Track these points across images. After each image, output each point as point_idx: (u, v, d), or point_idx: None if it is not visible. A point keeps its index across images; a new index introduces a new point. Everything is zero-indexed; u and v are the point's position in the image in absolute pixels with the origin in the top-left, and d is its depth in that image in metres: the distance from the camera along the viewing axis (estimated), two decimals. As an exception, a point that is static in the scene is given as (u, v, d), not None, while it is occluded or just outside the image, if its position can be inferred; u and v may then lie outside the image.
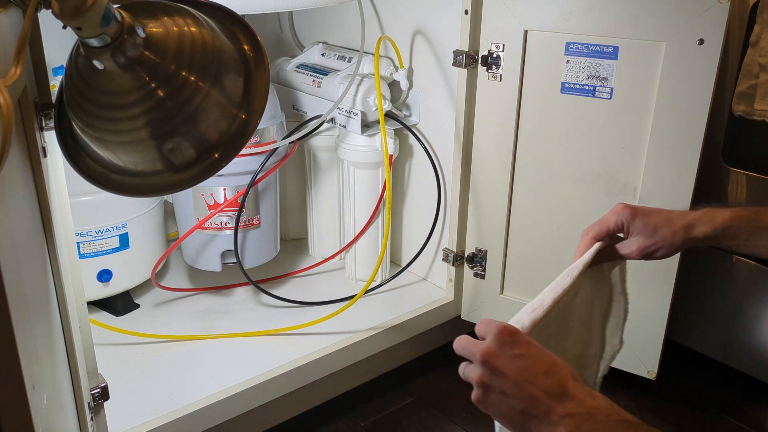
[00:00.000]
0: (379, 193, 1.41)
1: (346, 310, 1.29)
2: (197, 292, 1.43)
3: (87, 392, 0.87)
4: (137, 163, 0.70)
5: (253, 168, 1.28)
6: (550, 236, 1.29)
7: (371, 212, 1.42)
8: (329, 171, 1.49)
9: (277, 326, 1.29)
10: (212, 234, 1.32)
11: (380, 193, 1.41)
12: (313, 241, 1.57)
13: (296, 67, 1.50)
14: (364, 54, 1.37)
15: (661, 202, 1.16)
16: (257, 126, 0.72)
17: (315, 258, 1.57)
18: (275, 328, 1.29)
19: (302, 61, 1.52)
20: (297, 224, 1.64)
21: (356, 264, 1.47)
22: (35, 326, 0.56)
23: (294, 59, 1.53)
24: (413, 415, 1.30)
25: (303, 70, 1.48)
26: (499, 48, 1.22)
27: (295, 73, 1.49)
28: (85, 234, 1.24)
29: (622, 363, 1.28)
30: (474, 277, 1.39)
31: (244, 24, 0.73)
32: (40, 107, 0.72)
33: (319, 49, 1.53)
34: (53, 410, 0.60)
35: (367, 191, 1.41)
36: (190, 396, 1.12)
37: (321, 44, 1.54)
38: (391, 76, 1.38)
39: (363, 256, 1.46)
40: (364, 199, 1.42)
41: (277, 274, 1.49)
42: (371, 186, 1.41)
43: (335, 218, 1.52)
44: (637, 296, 1.23)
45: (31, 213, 0.65)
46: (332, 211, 1.52)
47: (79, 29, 0.58)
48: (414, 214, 1.49)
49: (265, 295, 1.38)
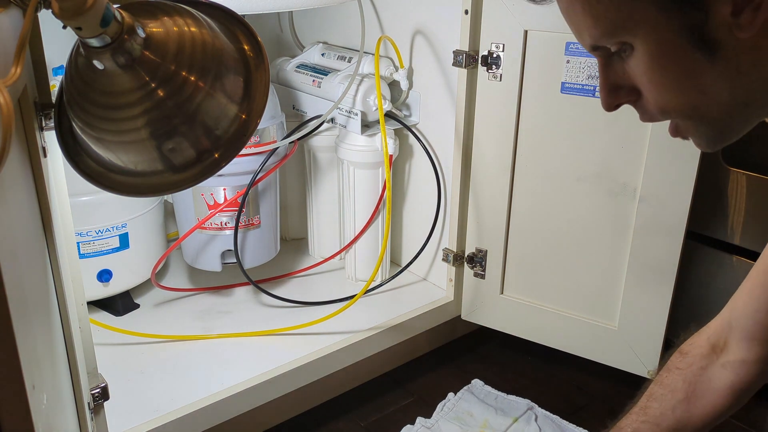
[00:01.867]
0: (379, 193, 1.41)
1: (346, 310, 1.29)
2: (197, 293, 1.43)
3: (87, 392, 0.87)
4: (137, 163, 0.70)
5: (253, 168, 1.28)
6: (551, 236, 1.29)
7: (371, 212, 1.42)
8: (329, 171, 1.49)
9: (277, 326, 1.29)
10: (212, 234, 1.32)
11: (380, 193, 1.41)
12: (314, 241, 1.57)
13: (296, 67, 1.50)
14: (364, 54, 1.37)
15: (661, 202, 1.16)
16: (257, 126, 0.72)
17: (315, 258, 1.57)
18: (275, 328, 1.29)
19: (302, 61, 1.52)
20: (297, 224, 1.64)
21: (356, 264, 1.47)
22: (35, 326, 0.56)
23: (294, 59, 1.53)
24: (413, 415, 1.30)
25: (303, 70, 1.48)
26: (499, 48, 1.22)
27: (295, 73, 1.49)
28: (85, 234, 1.24)
29: (622, 363, 1.28)
30: (474, 277, 1.39)
31: (244, 24, 0.73)
32: (40, 107, 0.72)
33: (319, 49, 1.52)
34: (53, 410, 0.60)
35: (367, 191, 1.41)
36: (190, 396, 1.12)
37: (321, 44, 1.54)
38: (391, 76, 1.38)
39: (363, 256, 1.46)
40: (364, 199, 1.42)
41: (277, 273, 1.49)
42: (371, 186, 1.41)
43: (335, 218, 1.52)
44: (637, 296, 1.23)
45: (31, 213, 0.65)
46: (332, 211, 1.52)
47: (79, 29, 0.58)
48: (414, 214, 1.49)
49: (265, 295, 1.38)
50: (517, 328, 1.38)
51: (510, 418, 1.28)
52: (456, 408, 1.31)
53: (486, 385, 1.37)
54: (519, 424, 1.27)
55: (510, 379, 1.41)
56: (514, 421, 1.27)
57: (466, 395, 1.34)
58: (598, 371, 1.34)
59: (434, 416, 1.29)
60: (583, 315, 1.30)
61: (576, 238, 1.28)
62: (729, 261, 1.33)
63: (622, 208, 1.20)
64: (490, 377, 1.41)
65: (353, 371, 1.32)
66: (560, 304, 1.32)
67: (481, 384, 1.37)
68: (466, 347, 1.50)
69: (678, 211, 1.15)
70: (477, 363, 1.46)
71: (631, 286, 1.24)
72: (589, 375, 1.40)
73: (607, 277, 1.26)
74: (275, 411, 1.25)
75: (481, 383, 1.37)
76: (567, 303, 1.31)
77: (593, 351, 1.31)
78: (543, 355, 1.40)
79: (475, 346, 1.50)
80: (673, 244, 1.17)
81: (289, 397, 1.22)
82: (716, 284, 1.36)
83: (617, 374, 1.30)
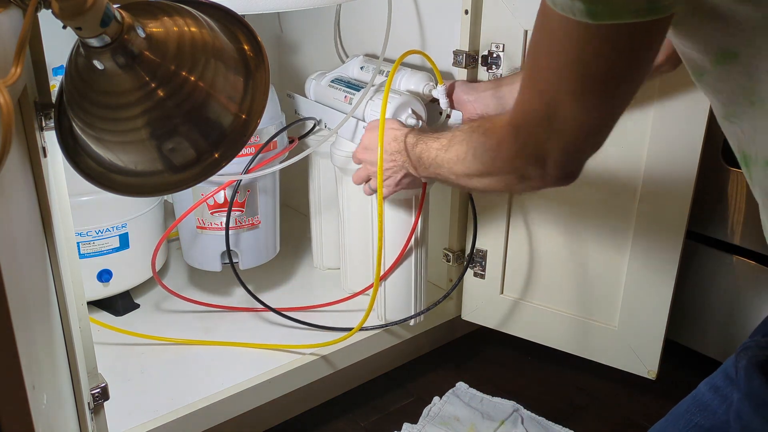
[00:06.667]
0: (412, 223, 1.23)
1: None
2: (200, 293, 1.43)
3: (87, 392, 0.87)
4: (137, 163, 0.70)
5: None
6: (550, 236, 1.29)
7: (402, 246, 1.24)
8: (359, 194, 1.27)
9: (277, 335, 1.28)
10: (212, 234, 1.32)
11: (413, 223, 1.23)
12: (346, 274, 1.42)
13: (331, 82, 1.34)
14: (402, 67, 1.22)
15: (661, 202, 1.16)
16: (257, 126, 0.72)
17: (346, 291, 1.42)
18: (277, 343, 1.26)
19: (339, 75, 1.36)
20: (332, 255, 1.50)
21: (386, 304, 1.30)
22: (35, 326, 0.56)
23: (330, 73, 1.37)
24: (413, 415, 1.30)
25: (337, 85, 1.32)
26: (499, 48, 1.22)
27: (328, 88, 1.33)
28: (85, 234, 1.24)
29: (622, 363, 1.28)
30: (474, 277, 1.39)
31: (244, 24, 0.73)
32: (40, 107, 0.72)
33: (359, 62, 1.35)
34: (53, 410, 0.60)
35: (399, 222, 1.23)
36: (190, 396, 1.12)
37: (362, 56, 1.37)
38: (430, 93, 1.21)
39: (393, 294, 1.29)
40: (394, 230, 1.23)
41: (307, 304, 1.38)
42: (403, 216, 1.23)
43: (368, 251, 1.30)
44: (638, 296, 1.23)
45: (31, 213, 0.65)
46: (364, 243, 1.33)
47: (79, 29, 0.58)
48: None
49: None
50: (517, 328, 1.38)
51: (496, 422, 1.27)
52: (442, 412, 1.30)
53: (471, 388, 1.37)
54: (505, 426, 1.27)
55: (510, 379, 1.41)
56: (501, 424, 1.27)
57: (451, 399, 1.33)
58: (598, 371, 1.34)
59: (420, 421, 1.29)
60: (583, 315, 1.30)
61: (576, 237, 1.27)
62: (729, 261, 1.33)
63: (622, 208, 1.20)
64: (490, 377, 1.41)
65: (353, 371, 1.32)
66: (560, 304, 1.32)
67: (465, 387, 1.37)
68: (466, 347, 1.50)
69: (678, 211, 1.15)
70: (477, 363, 1.46)
71: (631, 286, 1.24)
72: (589, 375, 1.40)
73: (607, 277, 1.26)
74: (275, 411, 1.25)
75: (466, 386, 1.37)
76: (567, 303, 1.31)
77: (593, 351, 1.31)
78: (543, 355, 1.40)
79: (474, 346, 1.50)
80: (673, 244, 1.17)
81: (289, 397, 1.22)
82: (716, 284, 1.36)
83: (617, 374, 1.30)
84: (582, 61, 0.61)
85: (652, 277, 1.20)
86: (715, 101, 0.67)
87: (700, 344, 1.41)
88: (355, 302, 1.35)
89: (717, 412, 0.79)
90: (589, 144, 0.71)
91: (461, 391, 1.36)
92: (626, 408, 1.35)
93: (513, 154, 0.76)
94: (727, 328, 1.36)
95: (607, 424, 1.32)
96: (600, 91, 0.64)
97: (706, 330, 1.40)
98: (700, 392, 0.82)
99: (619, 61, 0.61)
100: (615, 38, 0.58)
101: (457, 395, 1.34)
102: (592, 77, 0.62)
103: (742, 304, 1.33)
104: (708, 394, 0.81)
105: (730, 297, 1.35)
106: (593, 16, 0.55)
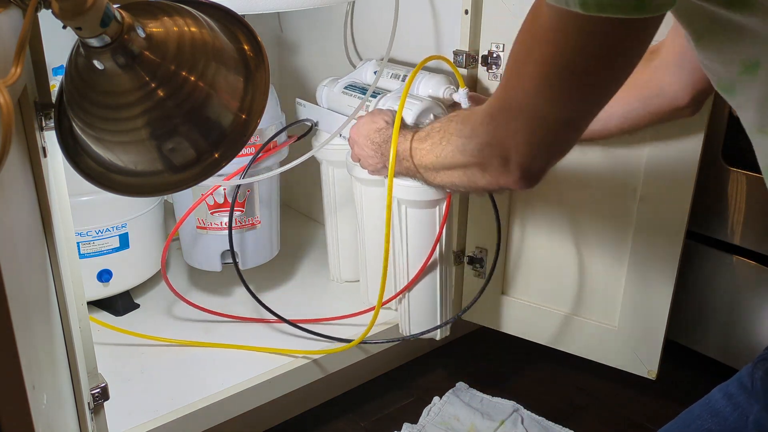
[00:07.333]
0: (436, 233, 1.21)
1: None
2: (200, 293, 1.43)
3: (87, 392, 0.87)
4: (137, 163, 0.70)
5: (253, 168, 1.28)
6: (551, 236, 1.29)
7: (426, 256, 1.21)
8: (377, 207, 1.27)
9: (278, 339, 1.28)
10: (212, 234, 1.32)
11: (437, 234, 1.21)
12: (366, 286, 1.39)
13: (344, 88, 1.29)
14: (423, 71, 1.19)
15: (661, 202, 1.16)
16: (257, 126, 0.72)
17: (366, 303, 1.39)
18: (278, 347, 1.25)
19: (352, 81, 1.31)
20: (351, 266, 1.47)
21: (410, 319, 1.27)
22: (35, 326, 0.56)
23: (342, 79, 1.32)
24: (413, 415, 1.31)
25: (351, 91, 1.27)
26: (499, 48, 1.22)
27: (342, 95, 1.28)
28: (85, 234, 1.24)
29: (622, 363, 1.28)
30: (474, 277, 1.39)
31: (244, 24, 0.73)
32: (40, 107, 0.72)
33: (372, 66, 1.32)
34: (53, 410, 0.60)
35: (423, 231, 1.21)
36: (190, 396, 1.12)
37: (374, 61, 1.33)
38: (451, 97, 1.16)
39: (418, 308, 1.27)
40: (418, 241, 1.21)
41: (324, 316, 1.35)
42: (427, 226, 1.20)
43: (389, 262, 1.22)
44: (637, 296, 1.23)
45: (31, 213, 0.65)
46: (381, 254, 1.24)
47: (79, 29, 0.58)
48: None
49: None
50: (518, 328, 1.38)
51: (496, 422, 1.27)
52: (442, 412, 1.30)
53: (471, 388, 1.37)
54: (505, 427, 1.27)
55: (510, 379, 1.41)
56: (501, 424, 1.27)
57: (451, 398, 1.33)
58: (598, 371, 1.34)
59: (420, 421, 1.29)
60: (582, 315, 1.30)
61: (576, 237, 1.27)
62: (729, 261, 1.33)
63: (622, 208, 1.20)
64: (490, 377, 1.41)
65: (353, 371, 1.32)
66: (560, 304, 1.32)
67: (465, 387, 1.37)
68: (465, 347, 1.50)
69: (678, 211, 1.15)
70: (477, 363, 1.46)
71: (631, 286, 1.24)
72: (589, 375, 1.40)
73: (607, 277, 1.26)
74: (275, 411, 1.25)
75: (466, 386, 1.37)
76: (567, 303, 1.31)
77: (593, 351, 1.31)
78: (543, 355, 1.40)
79: (474, 346, 1.50)
80: (673, 244, 1.17)
81: (289, 397, 1.22)
82: (716, 284, 1.36)
83: (617, 374, 1.30)
84: (564, 54, 0.61)
85: (652, 277, 1.20)
86: (749, 113, 0.67)
87: (700, 344, 1.41)
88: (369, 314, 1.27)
89: (728, 419, 0.79)
90: (558, 142, 0.71)
91: (461, 391, 1.36)
92: (626, 408, 1.35)
93: (483, 141, 0.76)
94: (727, 328, 1.36)
95: (607, 424, 1.32)
96: (578, 86, 0.64)
97: (706, 330, 1.40)
98: (714, 398, 0.82)
99: (601, 58, 0.61)
100: (600, 33, 0.58)
101: (457, 395, 1.34)
102: (572, 71, 0.63)
103: (742, 304, 1.33)
104: (721, 401, 0.81)
105: (730, 297, 1.35)
106: (584, 6, 0.55)
